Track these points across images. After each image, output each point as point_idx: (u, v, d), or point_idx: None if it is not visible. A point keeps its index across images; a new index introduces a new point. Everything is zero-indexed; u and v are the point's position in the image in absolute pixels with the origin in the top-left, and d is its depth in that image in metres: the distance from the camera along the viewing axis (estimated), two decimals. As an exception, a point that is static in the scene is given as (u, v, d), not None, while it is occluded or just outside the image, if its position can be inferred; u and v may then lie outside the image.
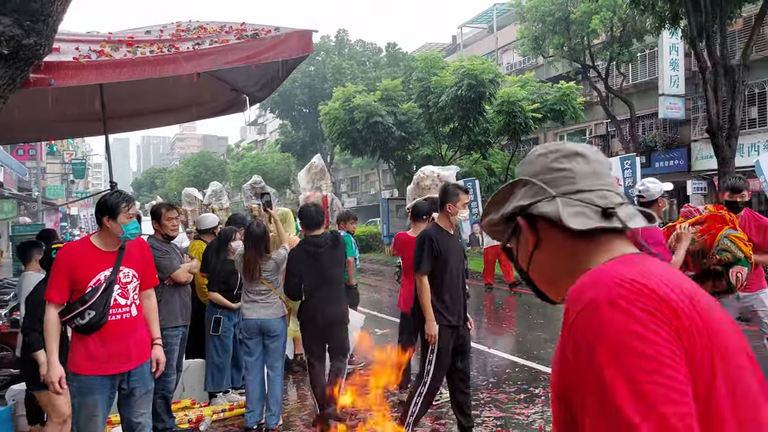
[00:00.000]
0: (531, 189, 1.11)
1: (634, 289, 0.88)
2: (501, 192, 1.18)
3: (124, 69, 4.04)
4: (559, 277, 1.10)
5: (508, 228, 1.17)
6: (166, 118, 6.85)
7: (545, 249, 1.10)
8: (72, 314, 3.40)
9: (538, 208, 1.08)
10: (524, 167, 1.17)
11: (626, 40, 23.00)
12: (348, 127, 21.40)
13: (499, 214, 1.17)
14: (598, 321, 0.87)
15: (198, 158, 62.27)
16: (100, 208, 3.53)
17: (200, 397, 5.75)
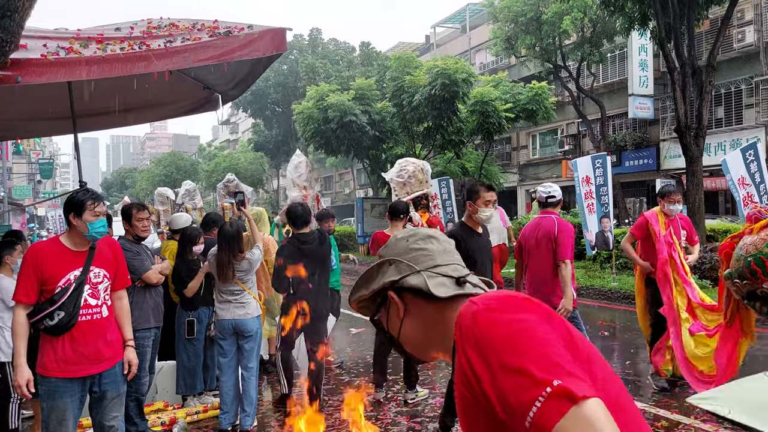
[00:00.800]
0: (398, 267, 1.32)
1: (494, 302, 1.15)
2: (370, 271, 1.37)
3: (94, 66, 3.97)
4: (426, 338, 1.30)
5: (376, 302, 1.37)
6: (137, 116, 6.75)
7: (413, 315, 1.30)
8: (41, 315, 3.31)
9: (408, 282, 1.29)
10: (388, 250, 1.37)
11: (597, 40, 23.33)
12: (322, 126, 21.32)
13: (369, 289, 1.35)
14: (471, 327, 1.13)
15: (169, 158, 61.45)
16: (67, 205, 3.47)
17: (173, 400, 5.68)
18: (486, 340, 1.05)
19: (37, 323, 3.35)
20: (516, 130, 29.11)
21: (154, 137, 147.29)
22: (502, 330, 1.05)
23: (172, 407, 5.55)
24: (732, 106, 21.91)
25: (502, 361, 1.01)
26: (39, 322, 3.34)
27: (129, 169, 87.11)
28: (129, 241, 4.85)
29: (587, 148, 26.50)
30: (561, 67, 24.70)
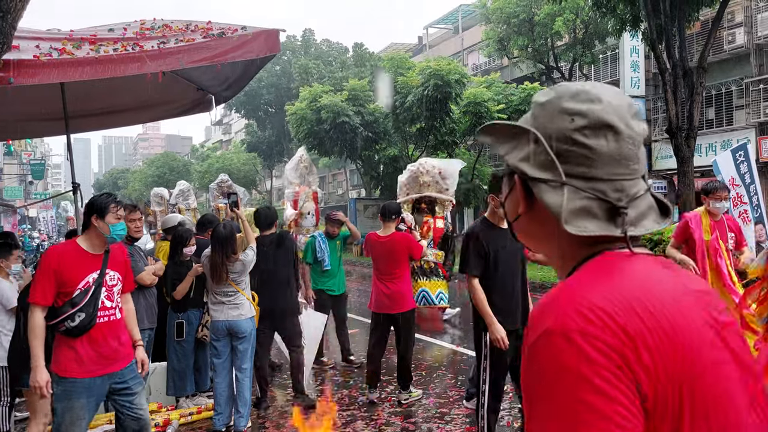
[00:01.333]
0: (539, 155, 0.92)
1: (594, 319, 0.79)
2: (506, 130, 0.98)
3: (87, 68, 3.97)
4: (543, 247, 1.01)
5: (502, 169, 1.08)
6: (130, 117, 6.73)
7: (533, 219, 0.98)
8: (62, 317, 3.37)
9: (540, 191, 0.91)
10: (542, 114, 0.94)
11: (589, 42, 23.43)
12: (315, 127, 21.31)
13: (502, 152, 0.99)
14: (550, 356, 0.80)
15: (162, 158, 61.24)
16: (89, 207, 3.56)
17: (167, 401, 5.67)
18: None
19: (58, 325, 3.39)
20: (509, 131, 29.12)
21: (147, 138, 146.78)
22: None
23: (166, 409, 5.54)
24: (723, 108, 22.04)
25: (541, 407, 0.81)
26: (60, 324, 3.38)
27: (121, 170, 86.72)
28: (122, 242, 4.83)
29: (579, 148, 26.58)
30: (553, 68, 24.79)
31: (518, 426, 4.95)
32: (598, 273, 0.87)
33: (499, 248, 4.03)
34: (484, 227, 4.08)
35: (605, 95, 0.92)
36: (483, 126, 1.01)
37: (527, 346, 0.84)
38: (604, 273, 0.87)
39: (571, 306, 0.81)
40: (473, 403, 5.36)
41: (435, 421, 5.13)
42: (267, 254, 5.48)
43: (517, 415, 5.16)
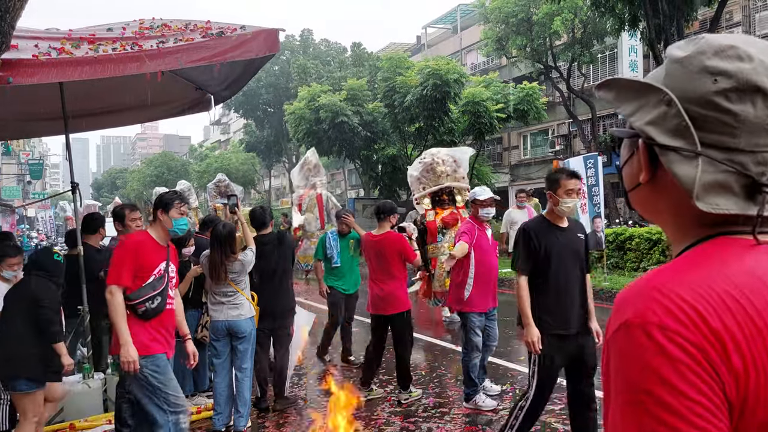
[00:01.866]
0: (671, 119, 0.80)
1: (678, 313, 0.72)
2: (632, 86, 0.86)
3: (86, 67, 3.97)
4: (659, 221, 0.91)
5: (622, 130, 0.90)
6: (128, 117, 6.74)
7: (655, 190, 0.86)
8: (144, 298, 3.70)
9: (669, 161, 0.80)
10: (678, 72, 0.81)
11: (587, 41, 23.43)
12: (313, 126, 21.28)
13: (625, 112, 0.87)
14: (628, 351, 0.74)
15: (160, 158, 61.17)
16: (156, 202, 3.94)
17: (166, 401, 5.66)
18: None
19: (137, 306, 3.70)
20: (507, 131, 29.17)
21: (145, 138, 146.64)
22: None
23: (165, 409, 5.53)
24: (721, 107, 22.10)
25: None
26: (140, 305, 3.70)
27: (120, 170, 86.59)
28: (122, 242, 4.83)
29: (578, 148, 26.61)
30: (552, 68, 24.79)
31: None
32: (699, 261, 0.78)
33: (554, 248, 3.81)
34: (540, 225, 3.87)
35: (757, 52, 0.79)
36: (606, 80, 0.89)
37: (607, 336, 0.80)
38: (706, 262, 0.78)
39: (655, 297, 0.75)
40: (473, 404, 5.37)
41: (435, 421, 5.13)
42: (265, 254, 5.45)
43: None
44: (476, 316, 5.47)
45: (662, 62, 0.88)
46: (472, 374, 5.42)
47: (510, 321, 9.58)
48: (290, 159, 43.76)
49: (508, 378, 6.29)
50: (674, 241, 0.88)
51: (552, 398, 5.50)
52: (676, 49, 0.84)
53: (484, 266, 5.46)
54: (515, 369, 6.62)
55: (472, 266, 5.40)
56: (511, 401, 5.51)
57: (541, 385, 3.89)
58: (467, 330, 5.49)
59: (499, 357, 7.15)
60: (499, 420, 5.09)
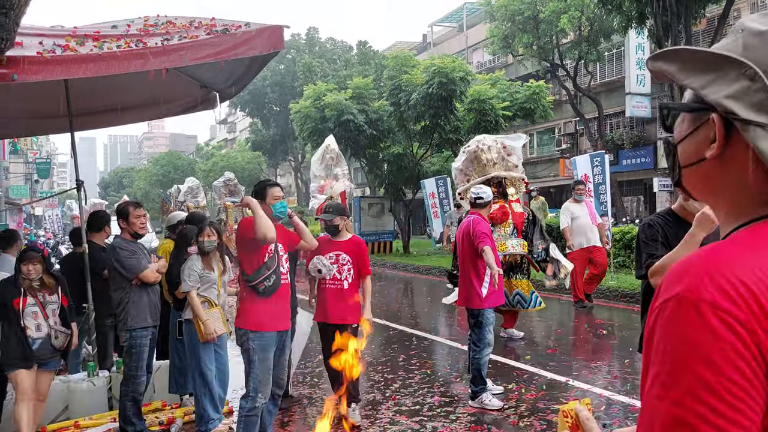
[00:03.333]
0: (756, 93, 0.77)
1: (731, 292, 0.70)
2: (703, 57, 0.82)
3: (90, 64, 3.96)
4: (714, 199, 0.89)
5: (686, 103, 0.88)
6: (134, 115, 6.73)
7: (721, 168, 0.84)
8: (262, 278, 4.08)
9: (755, 136, 0.77)
10: (760, 45, 0.79)
11: (594, 39, 23.33)
12: (319, 125, 21.26)
13: (694, 84, 0.84)
14: (675, 326, 0.73)
15: (166, 157, 61.42)
16: (255, 193, 4.30)
17: (171, 399, 5.66)
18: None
19: (258, 284, 4.09)
20: (513, 129, 28.95)
21: (152, 136, 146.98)
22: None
23: (170, 407, 5.53)
24: (729, 105, 21.96)
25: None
26: (259, 284, 4.09)
27: (126, 169, 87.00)
28: (125, 240, 4.82)
29: (584, 146, 26.51)
30: (558, 66, 24.69)
31: (524, 425, 4.91)
32: (756, 241, 0.77)
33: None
34: (669, 220, 3.36)
35: None
36: (666, 50, 0.87)
37: (654, 306, 0.78)
38: (763, 242, 0.76)
39: (709, 273, 0.73)
40: (479, 402, 5.34)
41: (440, 420, 5.11)
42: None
43: (524, 414, 5.13)
44: (491, 313, 5.52)
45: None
46: (483, 372, 5.40)
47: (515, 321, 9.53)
48: (296, 158, 43.79)
49: (513, 377, 6.26)
50: (727, 220, 0.86)
51: (558, 397, 5.48)
52: (754, 22, 0.82)
53: (498, 264, 5.48)
54: (520, 368, 6.59)
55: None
56: (516, 400, 5.48)
57: None
58: (482, 327, 5.46)
59: (506, 356, 7.12)
60: (504, 419, 5.06)
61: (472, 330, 5.58)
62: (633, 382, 5.91)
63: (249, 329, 4.12)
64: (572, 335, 8.31)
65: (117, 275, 4.72)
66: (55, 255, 15.37)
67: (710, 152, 0.83)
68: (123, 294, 4.70)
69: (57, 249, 18.06)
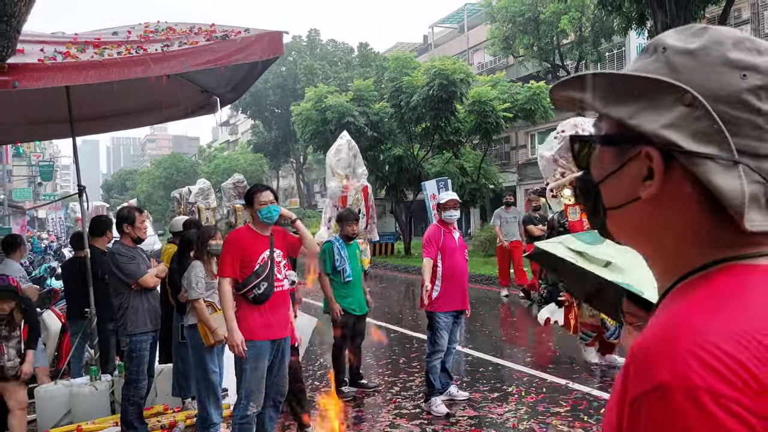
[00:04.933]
0: (697, 122, 0.68)
1: (725, 372, 0.58)
2: (630, 83, 0.72)
3: (91, 71, 3.99)
4: (647, 244, 0.77)
5: (608, 134, 0.76)
6: (135, 120, 6.77)
7: (658, 208, 0.72)
8: (250, 286, 4.07)
9: (706, 171, 0.67)
10: (693, 66, 0.70)
11: (594, 40, 23.36)
12: (320, 127, 21.31)
13: (620, 114, 0.72)
14: (669, 420, 0.59)
15: (169, 159, 61.53)
16: (245, 200, 4.34)
17: (173, 403, 5.68)
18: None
19: (247, 293, 4.08)
20: (514, 130, 29.08)
21: (155, 139, 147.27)
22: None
23: (172, 410, 5.56)
24: (730, 105, 21.96)
25: None
26: (249, 292, 4.08)
27: (129, 171, 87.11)
28: (125, 246, 4.86)
29: (586, 147, 26.48)
30: (559, 67, 24.71)
31: (523, 428, 4.93)
32: (724, 298, 0.66)
33: None
34: None
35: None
36: (575, 77, 0.76)
37: (631, 397, 0.64)
38: (732, 299, 0.65)
39: (691, 352, 0.60)
40: (427, 405, 5.35)
41: (440, 423, 5.12)
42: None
43: (523, 417, 5.15)
44: (442, 317, 5.47)
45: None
46: (431, 376, 5.42)
47: (513, 321, 9.55)
48: (297, 160, 43.87)
49: (513, 380, 6.28)
50: (667, 269, 0.75)
51: (558, 400, 5.49)
52: (676, 41, 0.72)
53: (451, 268, 5.47)
54: (520, 371, 6.60)
55: (439, 268, 5.44)
56: (516, 403, 5.50)
57: None
58: (433, 330, 5.50)
59: (505, 359, 7.13)
60: (504, 422, 5.08)
61: (428, 332, 5.61)
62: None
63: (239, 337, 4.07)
64: (572, 338, 8.31)
65: (116, 281, 4.75)
66: (57, 258, 15.41)
67: (646, 191, 0.72)
68: (122, 299, 4.73)
69: (60, 252, 18.11)
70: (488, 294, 12.92)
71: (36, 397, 5.25)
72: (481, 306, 11.51)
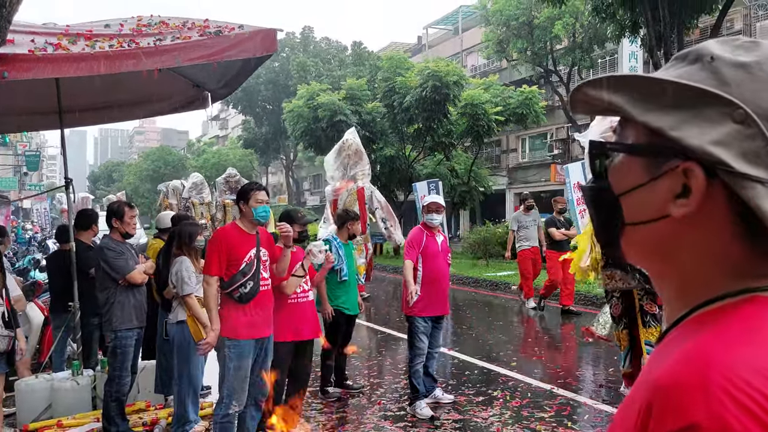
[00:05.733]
0: (749, 141, 0.62)
1: (758, 413, 0.55)
2: (674, 90, 0.65)
3: (82, 63, 3.94)
4: (665, 265, 0.72)
5: (640, 144, 0.70)
6: (125, 112, 6.70)
7: (687, 228, 0.67)
8: (237, 285, 4.02)
9: (756, 195, 0.61)
10: (747, 81, 0.65)
11: (588, 46, 23.47)
12: (312, 125, 21.26)
13: (660, 124, 0.65)
14: None
15: (157, 152, 61.10)
16: (237, 195, 4.26)
17: (155, 399, 5.63)
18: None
19: (233, 291, 4.04)
20: (506, 134, 29.15)
21: (143, 131, 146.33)
22: None
23: (154, 407, 5.51)
24: (719, 115, 22.12)
25: None
26: (234, 290, 4.03)
27: (116, 163, 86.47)
28: (113, 240, 4.80)
29: (576, 153, 26.60)
30: (552, 72, 24.83)
31: (508, 432, 4.93)
32: (755, 332, 0.62)
33: None
34: None
35: None
36: (614, 77, 0.70)
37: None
38: (762, 332, 0.62)
39: (725, 388, 0.56)
40: (412, 409, 5.35)
41: (424, 426, 5.12)
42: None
43: (507, 422, 5.15)
44: (421, 321, 5.43)
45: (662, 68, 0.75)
46: (414, 380, 5.41)
47: (499, 325, 9.57)
48: (287, 156, 43.76)
49: (499, 384, 6.28)
50: (681, 294, 0.71)
51: (542, 405, 5.50)
52: (726, 52, 0.67)
53: (432, 273, 5.43)
54: (506, 375, 6.61)
55: (420, 272, 5.41)
56: (501, 407, 5.50)
57: None
58: (411, 334, 5.49)
59: (491, 362, 7.14)
60: (488, 426, 5.08)
61: (407, 337, 5.63)
62: (617, 390, 5.94)
63: (225, 336, 4.07)
64: (559, 342, 8.35)
65: (104, 275, 4.70)
66: (42, 250, 15.25)
67: (679, 209, 0.66)
68: (109, 294, 4.68)
69: (44, 244, 17.92)
70: (475, 296, 12.94)
71: (16, 391, 5.19)
72: (469, 309, 11.53)
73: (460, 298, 12.74)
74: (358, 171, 9.53)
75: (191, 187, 15.48)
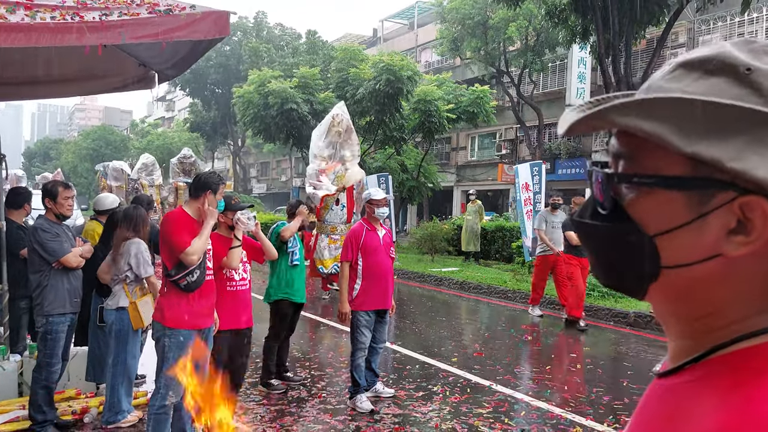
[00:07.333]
0: None
1: None
2: (729, 114, 0.56)
3: (20, 34, 3.73)
4: (696, 307, 0.64)
5: (684, 177, 0.60)
6: (66, 88, 6.40)
7: (742, 263, 0.59)
8: (185, 272, 3.91)
9: None
10: None
11: (539, 49, 23.89)
12: (261, 111, 20.88)
13: (718, 155, 0.56)
14: None
15: (99, 131, 58.95)
16: (203, 184, 4.09)
17: (86, 387, 5.44)
18: None
19: (179, 280, 3.93)
20: (456, 131, 29.42)
21: (84, 108, 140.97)
22: None
23: (85, 395, 5.31)
24: (660, 124, 22.89)
25: None
26: (181, 279, 3.93)
27: (55, 140, 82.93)
28: (49, 221, 4.58)
29: (524, 153, 27.11)
30: (503, 73, 25.16)
31: (446, 428, 4.97)
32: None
33: None
34: None
35: None
36: (656, 99, 0.59)
37: None
38: None
39: None
40: (352, 403, 5.37)
41: (364, 420, 5.10)
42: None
43: (446, 417, 5.19)
44: (363, 315, 5.45)
45: (609, 77, 0.65)
46: (356, 374, 5.42)
47: (441, 320, 9.66)
48: (236, 142, 42.97)
49: (440, 379, 6.33)
50: (705, 329, 0.64)
51: (481, 401, 5.58)
52: (755, 59, 0.59)
53: (373, 267, 5.44)
54: (447, 370, 6.67)
55: (360, 267, 5.43)
56: (440, 402, 5.55)
57: None
58: (354, 328, 5.50)
59: (432, 357, 7.20)
60: (427, 421, 5.11)
61: (350, 330, 5.65)
62: (553, 388, 6.07)
63: (166, 325, 3.97)
64: (499, 339, 8.48)
65: (36, 257, 4.48)
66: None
67: (740, 248, 0.58)
68: (41, 277, 4.47)
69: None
70: (419, 291, 13.02)
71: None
72: (412, 303, 11.59)
73: (404, 293, 12.79)
74: (347, 152, 8.64)
75: (141, 167, 14.95)
